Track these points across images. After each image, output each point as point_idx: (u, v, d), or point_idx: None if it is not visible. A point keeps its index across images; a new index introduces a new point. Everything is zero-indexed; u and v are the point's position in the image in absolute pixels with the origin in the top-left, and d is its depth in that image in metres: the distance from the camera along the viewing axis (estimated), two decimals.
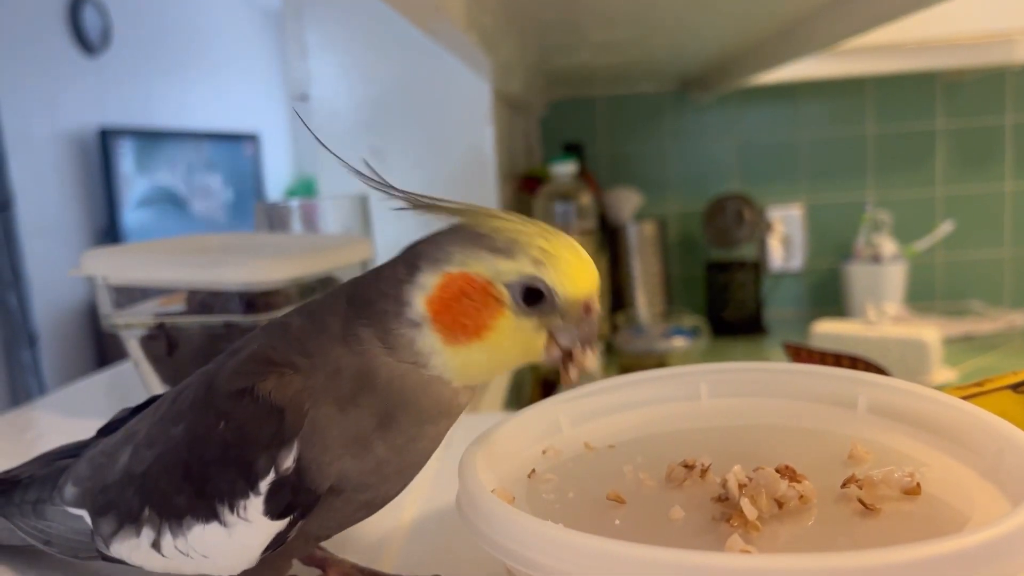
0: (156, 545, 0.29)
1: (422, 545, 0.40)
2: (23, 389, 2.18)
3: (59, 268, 2.37)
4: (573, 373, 0.28)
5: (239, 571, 0.29)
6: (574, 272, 0.27)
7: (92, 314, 2.50)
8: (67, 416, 0.67)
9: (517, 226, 0.27)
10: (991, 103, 1.66)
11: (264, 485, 0.26)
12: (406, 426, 0.27)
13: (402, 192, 0.27)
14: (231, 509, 0.27)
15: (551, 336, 0.27)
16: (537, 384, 1.25)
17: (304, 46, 1.25)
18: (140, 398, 0.54)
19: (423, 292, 0.27)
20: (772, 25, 1.05)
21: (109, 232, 2.55)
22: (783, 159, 1.73)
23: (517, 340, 0.27)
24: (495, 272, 0.26)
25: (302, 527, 0.28)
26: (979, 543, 0.22)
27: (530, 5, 0.88)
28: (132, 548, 0.30)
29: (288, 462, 0.26)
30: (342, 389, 0.27)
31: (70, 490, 0.32)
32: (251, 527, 0.27)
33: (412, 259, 0.27)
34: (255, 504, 0.27)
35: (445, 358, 0.27)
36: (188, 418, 0.29)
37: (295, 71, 1.26)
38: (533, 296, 0.27)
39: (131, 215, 2.70)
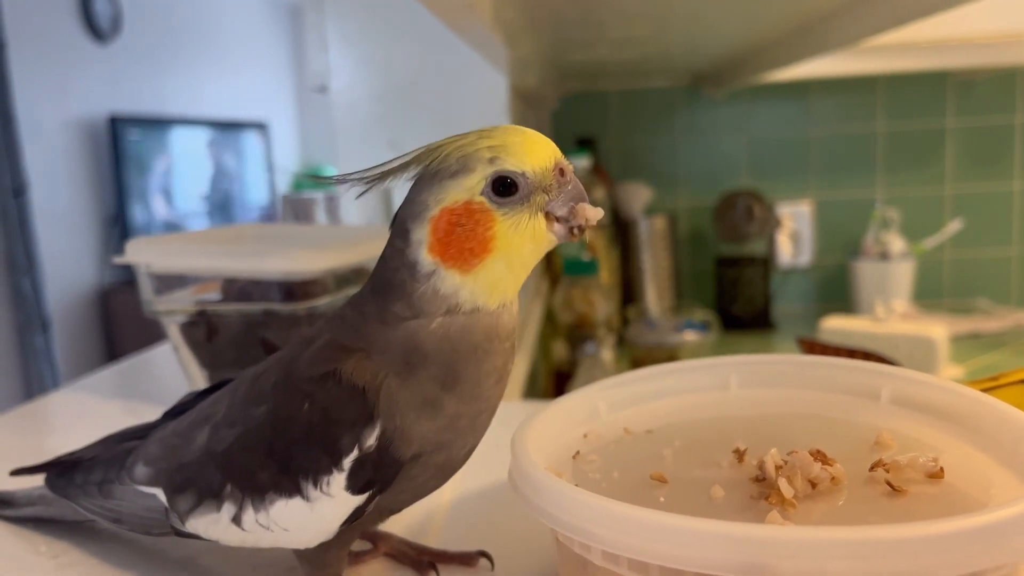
0: (237, 519, 0.30)
1: (465, 521, 0.42)
2: (36, 374, 2.20)
3: (70, 254, 2.40)
4: (578, 235, 0.29)
5: (315, 544, 0.30)
6: (528, 149, 0.28)
7: (103, 300, 2.53)
8: (99, 399, 0.69)
9: (458, 143, 0.28)
10: (1002, 102, 1.68)
11: (348, 462, 0.28)
12: (467, 375, 0.29)
13: (354, 175, 0.29)
14: (315, 485, 0.29)
15: (547, 214, 0.29)
16: (550, 375, 1.27)
17: (324, 38, 1.27)
18: (163, 384, 0.56)
19: (422, 246, 0.29)
20: (788, 24, 1.06)
21: (118, 219, 2.56)
22: (794, 155, 1.75)
23: (522, 235, 0.28)
24: (466, 191, 0.28)
25: (378, 501, 0.30)
26: (1001, 519, 0.24)
27: (551, 2, 0.89)
28: (211, 523, 0.31)
29: (371, 440, 0.28)
30: (396, 363, 0.29)
31: (141, 469, 0.34)
32: (333, 502, 0.29)
33: (400, 226, 0.29)
34: (338, 480, 0.28)
35: (471, 286, 0.28)
36: (271, 400, 0.30)
37: (315, 63, 1.28)
38: (507, 189, 0.28)
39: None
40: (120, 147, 2.54)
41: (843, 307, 1.69)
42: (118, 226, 2.55)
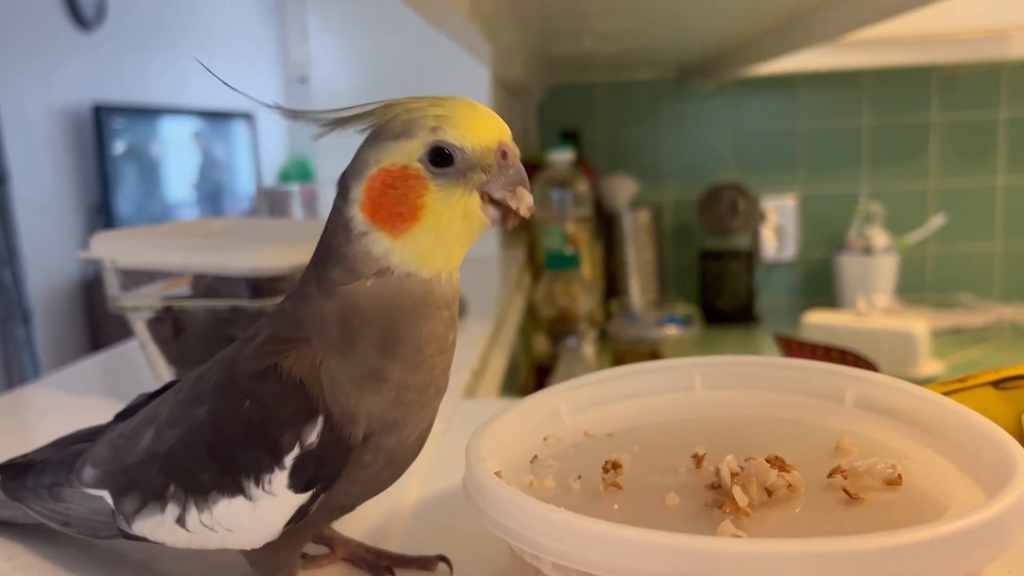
0: (181, 521, 0.30)
1: (426, 525, 0.41)
2: (17, 366, 2.18)
3: (53, 245, 2.37)
4: (512, 221, 0.29)
5: (261, 544, 0.30)
6: (473, 124, 0.28)
7: (87, 292, 2.50)
8: (69, 395, 0.68)
9: (409, 106, 0.28)
10: (986, 97, 1.68)
11: (289, 460, 0.28)
12: (406, 337, 0.29)
13: (312, 113, 0.29)
14: (257, 483, 0.28)
15: (483, 194, 0.28)
16: (532, 369, 1.27)
17: (304, 29, 1.25)
18: (141, 378, 0.55)
19: (356, 204, 0.28)
20: (773, 17, 1.06)
21: (102, 209, 2.54)
22: (779, 149, 1.75)
23: (453, 209, 0.28)
24: (404, 155, 0.28)
25: (325, 499, 0.29)
26: (955, 531, 0.23)
27: None
28: (156, 525, 0.31)
29: (312, 436, 0.28)
30: (335, 337, 0.28)
31: (89, 472, 0.34)
32: (276, 501, 0.28)
33: (342, 183, 0.29)
34: (280, 478, 0.28)
35: (400, 251, 0.28)
36: (211, 399, 0.30)
37: (295, 53, 1.26)
38: (444, 160, 0.28)
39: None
40: (104, 136, 2.51)
41: (827, 301, 1.69)
42: (102, 216, 2.52)
